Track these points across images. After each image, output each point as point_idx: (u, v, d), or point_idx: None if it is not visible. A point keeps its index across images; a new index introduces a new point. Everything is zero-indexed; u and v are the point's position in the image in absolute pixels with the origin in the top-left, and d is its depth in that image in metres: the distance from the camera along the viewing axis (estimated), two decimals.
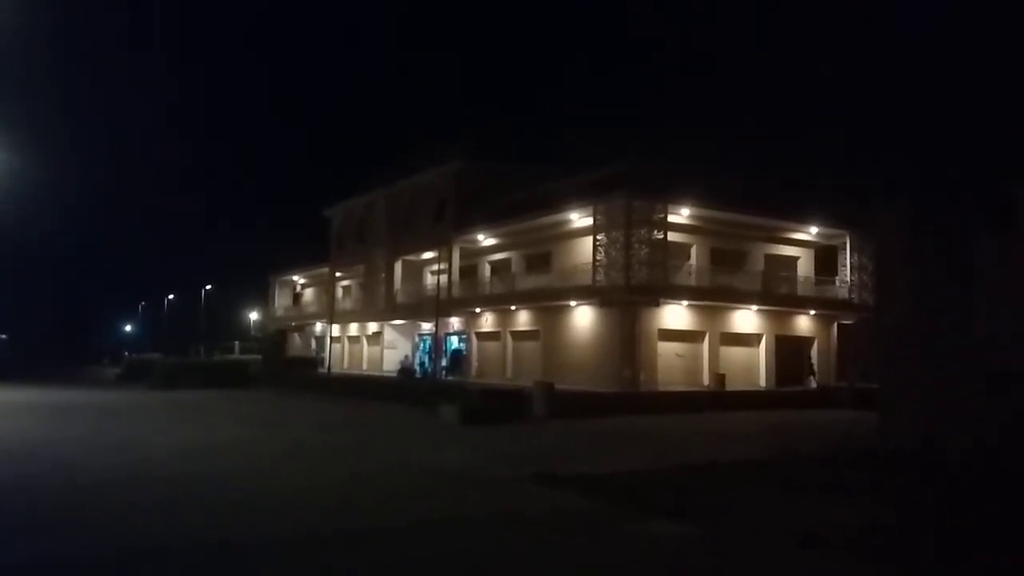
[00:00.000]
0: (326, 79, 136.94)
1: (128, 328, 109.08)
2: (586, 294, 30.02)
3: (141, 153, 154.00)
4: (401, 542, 7.90)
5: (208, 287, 77.02)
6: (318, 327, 56.79)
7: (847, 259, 34.84)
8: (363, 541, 7.93)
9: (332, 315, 48.96)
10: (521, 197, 34.40)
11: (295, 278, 61.83)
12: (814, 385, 32.50)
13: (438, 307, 35.83)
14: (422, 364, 42.20)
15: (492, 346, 37.17)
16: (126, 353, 79.42)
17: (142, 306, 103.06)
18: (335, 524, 8.68)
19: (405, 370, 39.19)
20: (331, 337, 49.94)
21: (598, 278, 29.26)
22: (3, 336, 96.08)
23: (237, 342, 75.71)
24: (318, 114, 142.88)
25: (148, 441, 15.93)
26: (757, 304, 32.21)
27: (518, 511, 9.48)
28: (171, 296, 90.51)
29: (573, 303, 31.14)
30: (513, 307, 34.78)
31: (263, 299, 68.21)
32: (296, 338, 61.81)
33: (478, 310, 37.05)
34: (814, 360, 33.95)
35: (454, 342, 40.63)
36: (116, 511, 9.16)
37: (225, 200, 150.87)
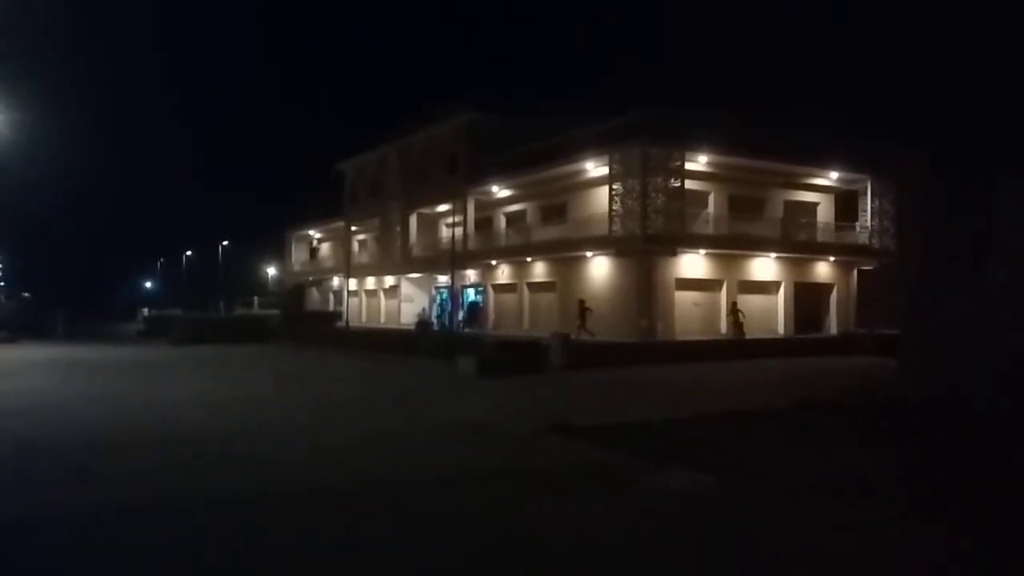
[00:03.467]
0: (340, 35, 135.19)
1: (148, 285, 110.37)
2: (602, 244, 29.85)
3: (158, 113, 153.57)
4: (426, 497, 7.97)
5: (224, 243, 77.26)
6: (335, 281, 57.05)
7: (868, 204, 34.31)
8: (390, 494, 8.02)
9: (349, 269, 49.15)
10: (535, 148, 34.01)
11: (311, 233, 61.85)
12: (585, 337, 26.36)
13: (454, 260, 35.81)
14: (439, 317, 42.41)
15: (509, 298, 37.22)
16: (144, 310, 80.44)
17: (160, 263, 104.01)
18: (359, 478, 8.78)
19: (423, 323, 39.41)
20: (348, 291, 50.26)
21: (614, 228, 29.04)
22: (27, 295, 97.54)
23: (256, 297, 76.47)
24: (331, 67, 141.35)
25: (172, 398, 16.17)
26: (776, 251, 31.91)
27: (538, 464, 9.56)
28: (189, 253, 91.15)
29: (589, 254, 31.00)
30: (529, 259, 34.70)
31: (280, 254, 68.42)
32: (314, 292, 62.19)
33: (494, 262, 37.01)
34: (589, 307, 28.37)
35: (471, 294, 40.74)
36: (143, 468, 9.31)
37: (240, 155, 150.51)
